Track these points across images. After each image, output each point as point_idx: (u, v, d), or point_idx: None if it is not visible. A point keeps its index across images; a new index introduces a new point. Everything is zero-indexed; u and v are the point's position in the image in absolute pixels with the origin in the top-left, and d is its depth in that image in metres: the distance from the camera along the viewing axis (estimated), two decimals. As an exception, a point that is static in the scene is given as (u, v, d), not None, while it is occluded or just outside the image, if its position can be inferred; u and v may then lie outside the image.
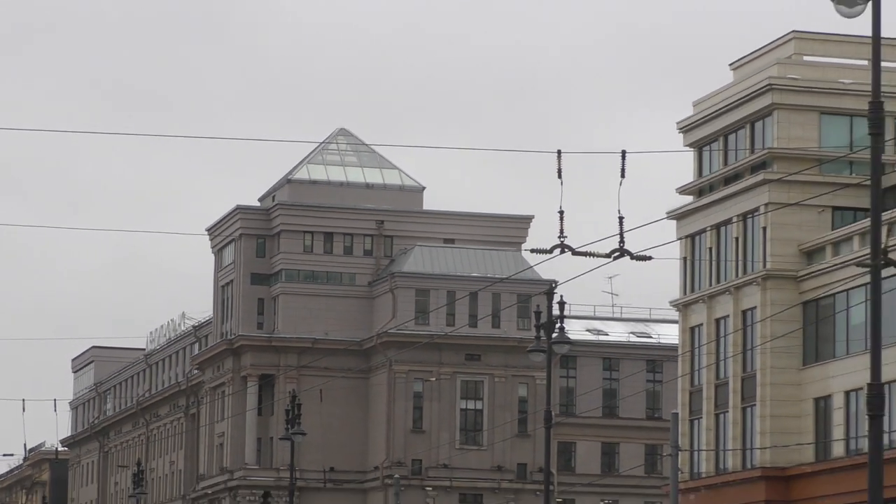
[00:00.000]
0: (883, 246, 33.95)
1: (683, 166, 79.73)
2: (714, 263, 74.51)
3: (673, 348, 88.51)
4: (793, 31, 73.22)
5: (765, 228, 71.24)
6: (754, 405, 71.42)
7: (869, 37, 29.00)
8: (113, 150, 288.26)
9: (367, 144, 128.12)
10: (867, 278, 38.75)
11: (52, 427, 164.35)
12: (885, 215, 43.98)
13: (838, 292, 68.25)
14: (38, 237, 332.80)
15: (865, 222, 56.06)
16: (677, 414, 65.72)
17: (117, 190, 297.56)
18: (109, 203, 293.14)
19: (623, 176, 40.79)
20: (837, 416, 68.02)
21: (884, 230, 39.91)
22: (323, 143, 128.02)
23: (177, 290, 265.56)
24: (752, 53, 76.12)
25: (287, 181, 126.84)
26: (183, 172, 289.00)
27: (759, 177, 71.02)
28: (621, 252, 40.70)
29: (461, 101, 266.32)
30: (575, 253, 41.34)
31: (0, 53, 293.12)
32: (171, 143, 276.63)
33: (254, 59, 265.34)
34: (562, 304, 55.87)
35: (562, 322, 55.13)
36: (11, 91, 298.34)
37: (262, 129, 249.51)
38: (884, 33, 29.23)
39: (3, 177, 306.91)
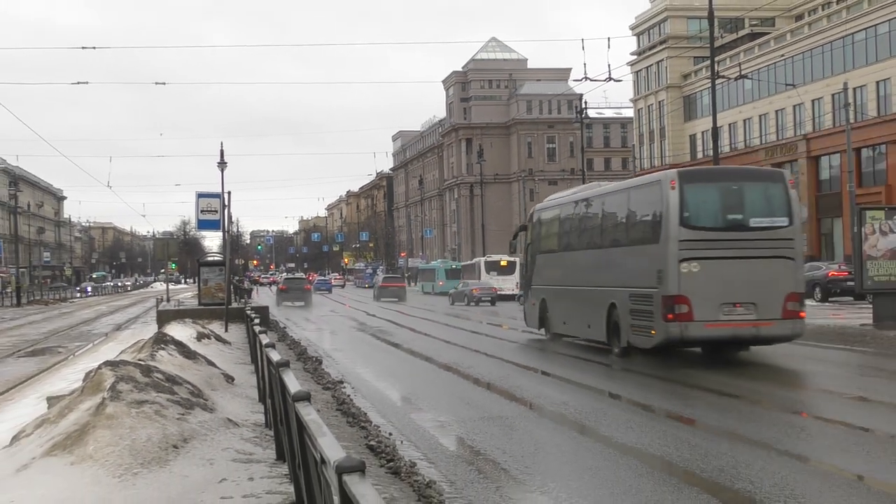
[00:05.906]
0: (716, 71, 33.93)
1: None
2: (649, 81, 71.89)
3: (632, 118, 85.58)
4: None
5: (667, 67, 69.08)
6: (665, 139, 70.03)
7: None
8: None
9: (500, 41, 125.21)
10: (709, 84, 38.57)
11: (387, 163, 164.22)
12: (718, 58, 42.59)
13: (698, 91, 66.32)
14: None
15: (707, 62, 54.36)
16: (635, 145, 65.03)
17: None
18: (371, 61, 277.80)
19: (609, 47, 40.56)
20: (700, 142, 66.41)
21: (717, 65, 39.49)
22: (486, 42, 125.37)
23: (423, 108, 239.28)
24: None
25: (472, 60, 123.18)
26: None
27: (664, 46, 68.72)
28: (609, 79, 40.76)
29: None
30: (591, 80, 41.17)
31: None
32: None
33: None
34: (586, 103, 55.67)
35: (585, 109, 54.98)
36: None
37: (460, 35, 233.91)
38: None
39: None
